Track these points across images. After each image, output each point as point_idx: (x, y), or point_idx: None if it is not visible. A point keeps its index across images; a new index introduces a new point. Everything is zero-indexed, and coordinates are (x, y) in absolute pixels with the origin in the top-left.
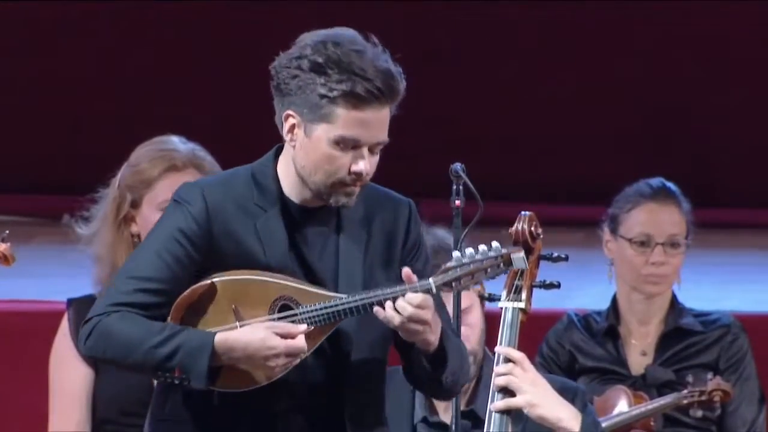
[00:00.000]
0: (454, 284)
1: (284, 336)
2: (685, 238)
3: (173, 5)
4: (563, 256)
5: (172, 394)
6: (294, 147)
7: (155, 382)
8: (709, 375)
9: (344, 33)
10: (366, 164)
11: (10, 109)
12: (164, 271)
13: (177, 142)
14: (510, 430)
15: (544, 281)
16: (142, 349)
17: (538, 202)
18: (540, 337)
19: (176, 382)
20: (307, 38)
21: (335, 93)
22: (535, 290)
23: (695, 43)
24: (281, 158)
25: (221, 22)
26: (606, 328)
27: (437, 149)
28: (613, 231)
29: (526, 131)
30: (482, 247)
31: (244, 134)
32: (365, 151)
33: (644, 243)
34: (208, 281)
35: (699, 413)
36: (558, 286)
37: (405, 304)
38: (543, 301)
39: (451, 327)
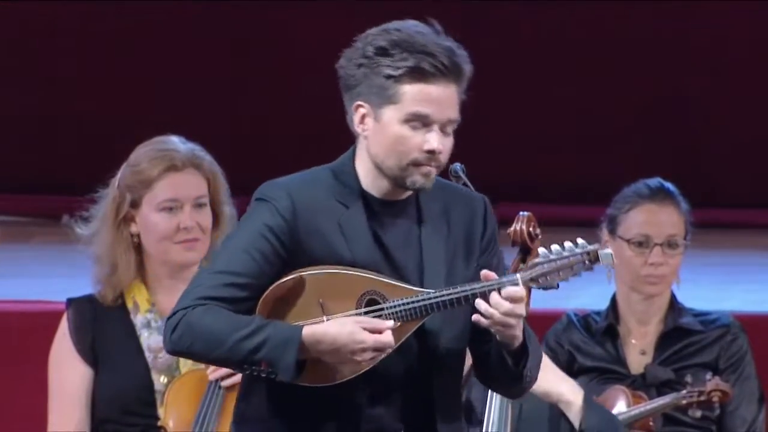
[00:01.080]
0: (540, 280)
1: (372, 331)
2: (684, 238)
3: (175, 5)
4: None
5: (254, 394)
6: (367, 137)
7: (155, 381)
8: (709, 375)
9: (407, 21)
10: (438, 141)
11: (10, 110)
12: (251, 267)
13: (176, 142)
14: (510, 410)
15: None
16: (230, 341)
17: (537, 202)
18: (539, 337)
19: (263, 375)
20: (369, 32)
21: (400, 71)
22: (533, 290)
23: (694, 44)
24: (357, 155)
25: (223, 22)
26: (605, 327)
27: None
28: (612, 231)
29: (526, 132)
30: (568, 244)
31: (245, 134)
32: (435, 128)
33: (643, 243)
34: (296, 275)
35: (698, 413)
36: (556, 287)
37: (501, 301)
38: (542, 301)
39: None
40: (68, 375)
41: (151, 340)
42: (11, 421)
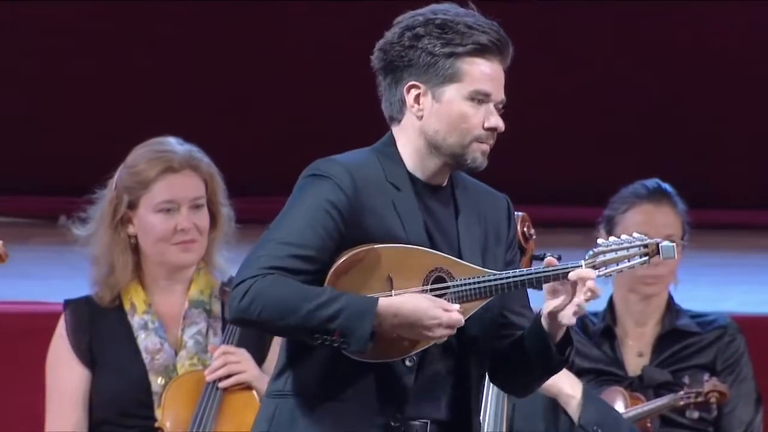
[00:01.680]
0: (600, 269)
1: (445, 310)
2: (681, 238)
3: (171, 5)
4: (556, 256)
5: (295, 370)
6: (421, 117)
7: (153, 382)
8: (706, 376)
9: (443, 5)
10: (498, 119)
11: (7, 111)
12: (316, 241)
13: (174, 144)
14: (506, 405)
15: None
16: (303, 310)
17: (535, 203)
18: None
19: (334, 345)
20: (410, 14)
21: (461, 48)
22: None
23: (692, 44)
24: (399, 138)
25: (220, 21)
26: (602, 329)
27: None
28: (609, 232)
29: (523, 132)
30: (625, 236)
31: (242, 135)
32: (492, 106)
33: None
34: (368, 247)
35: (695, 414)
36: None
37: (594, 285)
38: (539, 302)
39: None
40: (66, 376)
41: (148, 341)
42: (9, 421)
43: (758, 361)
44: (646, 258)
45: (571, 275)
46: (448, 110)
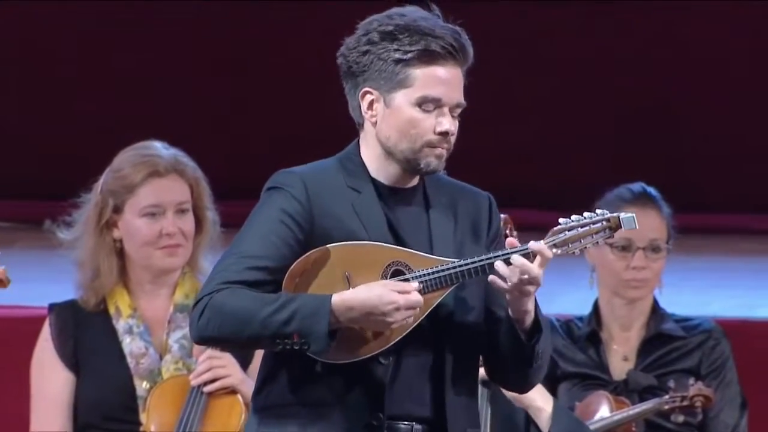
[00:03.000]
0: (562, 248)
1: (400, 292)
2: (666, 242)
3: (157, 5)
4: None
5: (273, 383)
6: (375, 123)
7: (137, 386)
8: (691, 380)
9: (406, 7)
10: (450, 123)
11: None
12: (272, 251)
13: (159, 148)
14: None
15: None
16: (259, 318)
17: (521, 207)
18: None
19: (296, 348)
20: (369, 19)
21: (410, 54)
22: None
23: (679, 48)
24: (363, 144)
25: (207, 24)
26: (588, 333)
27: None
28: None
29: (506, 136)
30: (587, 213)
31: (228, 139)
32: (446, 110)
33: (625, 247)
34: (322, 248)
35: (680, 418)
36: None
37: (526, 261)
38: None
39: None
40: (50, 380)
41: (133, 345)
42: None
43: (742, 366)
44: (609, 232)
45: (531, 245)
46: (398, 116)
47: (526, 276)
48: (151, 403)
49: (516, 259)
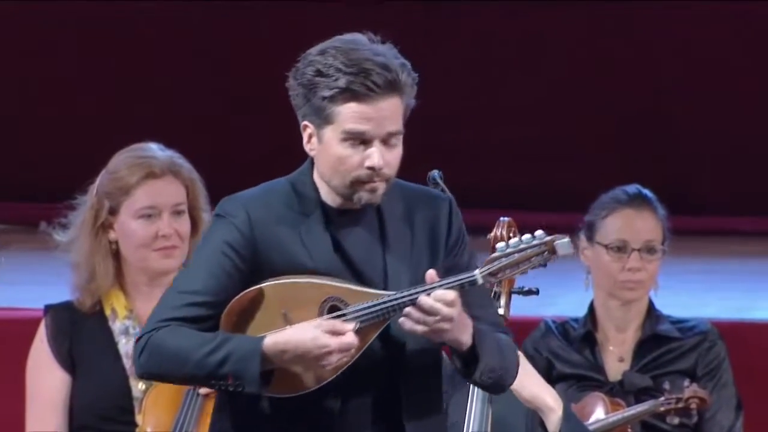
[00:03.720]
0: (499, 275)
1: (334, 333)
2: (662, 244)
3: (154, 6)
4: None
5: (229, 406)
6: (314, 156)
7: (133, 388)
8: (686, 382)
9: (346, 37)
10: (378, 157)
11: None
12: (213, 284)
13: (155, 149)
14: (490, 411)
15: (523, 288)
16: (194, 358)
17: (516, 209)
18: (517, 344)
19: (230, 389)
20: (311, 50)
21: (333, 92)
22: (513, 296)
23: (678, 49)
24: (315, 165)
25: (204, 25)
26: (583, 334)
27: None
28: (590, 238)
29: (504, 138)
30: (526, 236)
31: (224, 140)
32: (376, 143)
33: (621, 249)
34: (257, 287)
35: (676, 420)
36: (536, 292)
37: (435, 304)
38: (520, 308)
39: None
40: (46, 381)
41: (129, 346)
42: None
43: (737, 367)
44: (547, 255)
45: (432, 295)
46: (328, 152)
47: (435, 317)
48: (147, 404)
49: (426, 304)
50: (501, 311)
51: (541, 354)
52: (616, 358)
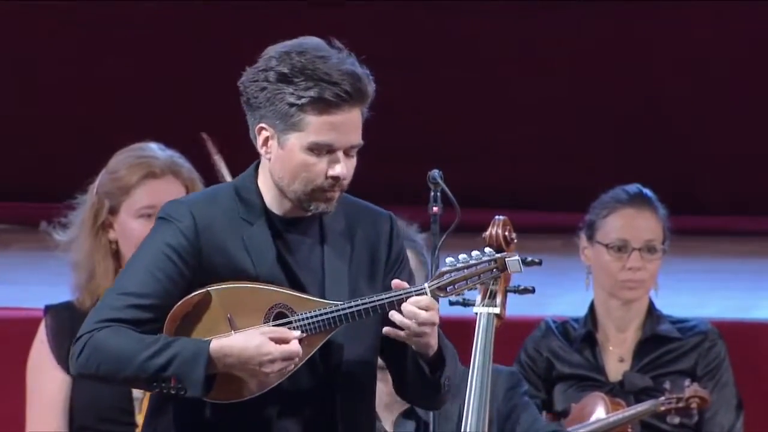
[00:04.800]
0: (448, 289)
1: (279, 341)
2: (662, 243)
3: (152, 8)
4: (536, 260)
5: (162, 414)
6: (270, 159)
7: (134, 390)
8: (687, 382)
9: (308, 41)
10: (342, 168)
11: None
12: (155, 288)
13: (155, 149)
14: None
15: (519, 286)
16: (137, 361)
17: (516, 208)
18: (518, 344)
19: (172, 392)
20: (272, 50)
21: (303, 100)
22: (510, 295)
23: (675, 51)
24: (260, 172)
25: (202, 26)
26: (583, 334)
27: (416, 156)
28: (590, 237)
29: (504, 138)
30: (476, 252)
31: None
32: (340, 154)
33: (621, 248)
34: (203, 290)
35: (676, 420)
36: (532, 291)
37: (415, 309)
38: (520, 308)
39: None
40: (46, 382)
41: None
42: None
43: (738, 367)
44: (496, 272)
45: (408, 301)
46: (290, 158)
47: (418, 321)
48: (147, 404)
49: (405, 308)
50: (497, 310)
51: (541, 354)
52: (617, 358)
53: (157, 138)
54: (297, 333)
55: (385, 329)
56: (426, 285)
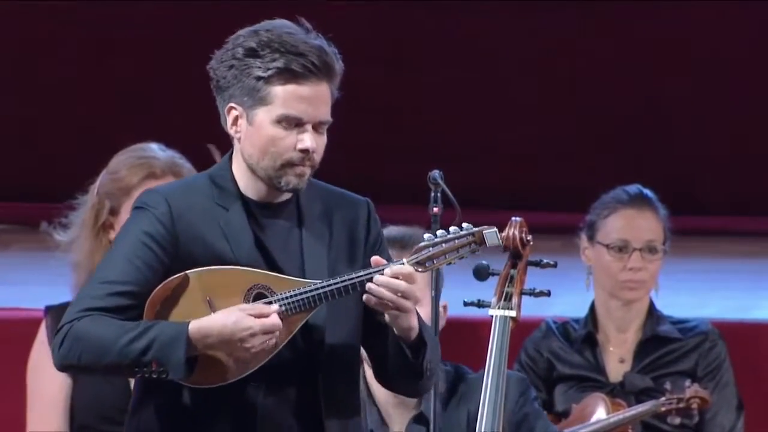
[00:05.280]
0: (427, 264)
1: (258, 316)
2: (663, 243)
3: (153, 8)
4: (552, 262)
5: (145, 408)
6: (240, 139)
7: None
8: (687, 382)
9: (277, 21)
10: (311, 140)
11: None
12: (134, 275)
13: (156, 150)
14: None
15: (534, 289)
16: (117, 346)
17: (516, 209)
18: (518, 345)
19: (154, 376)
20: (242, 31)
21: (270, 72)
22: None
23: (674, 51)
24: (234, 159)
25: (203, 25)
26: (584, 335)
27: (417, 156)
28: (591, 238)
29: (504, 138)
30: (453, 228)
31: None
32: (309, 127)
33: (622, 249)
34: (181, 274)
35: (677, 420)
36: (548, 294)
37: (390, 279)
38: (522, 308)
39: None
40: (46, 382)
41: None
42: None
43: (739, 367)
44: (474, 246)
45: (386, 271)
46: (258, 133)
47: (398, 293)
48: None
49: (379, 278)
50: (513, 313)
51: (542, 355)
52: (617, 358)
53: (157, 138)
54: (275, 307)
55: (365, 297)
56: (405, 260)
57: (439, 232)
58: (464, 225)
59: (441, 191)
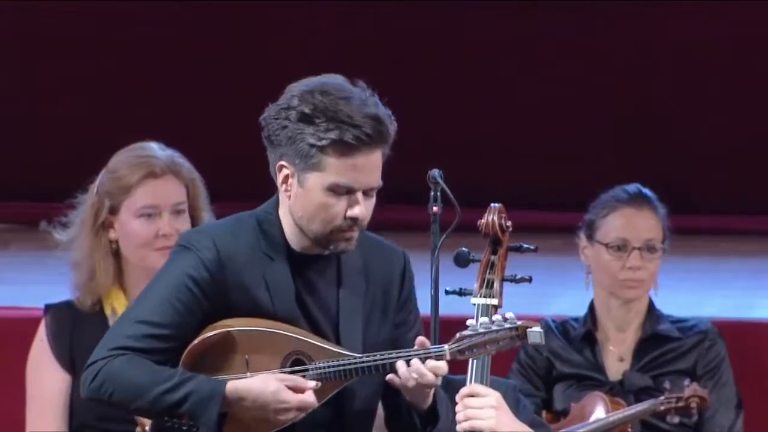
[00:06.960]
0: (466, 353)
1: (295, 390)
2: (662, 242)
3: (152, 8)
4: (532, 247)
5: None
6: (290, 197)
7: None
8: (686, 381)
9: (331, 80)
10: (362, 209)
11: None
12: (174, 318)
13: (156, 149)
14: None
15: (515, 276)
16: (152, 393)
17: (516, 208)
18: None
19: (184, 428)
20: (295, 89)
21: (324, 142)
22: (514, 295)
23: (673, 50)
24: (281, 208)
25: (201, 25)
26: (583, 334)
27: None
28: (590, 237)
29: (504, 138)
30: (497, 317)
31: (224, 139)
32: (359, 195)
33: (621, 248)
34: (224, 330)
35: (676, 419)
36: (529, 280)
37: (424, 370)
38: (520, 307)
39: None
40: (46, 381)
41: None
42: None
43: (738, 366)
44: (516, 339)
45: (427, 364)
46: (310, 198)
47: (423, 381)
48: None
49: (414, 367)
50: (495, 301)
51: (541, 354)
52: (617, 357)
53: (157, 138)
54: (312, 383)
55: (389, 376)
56: (446, 347)
57: (483, 320)
58: (508, 316)
59: (441, 190)
